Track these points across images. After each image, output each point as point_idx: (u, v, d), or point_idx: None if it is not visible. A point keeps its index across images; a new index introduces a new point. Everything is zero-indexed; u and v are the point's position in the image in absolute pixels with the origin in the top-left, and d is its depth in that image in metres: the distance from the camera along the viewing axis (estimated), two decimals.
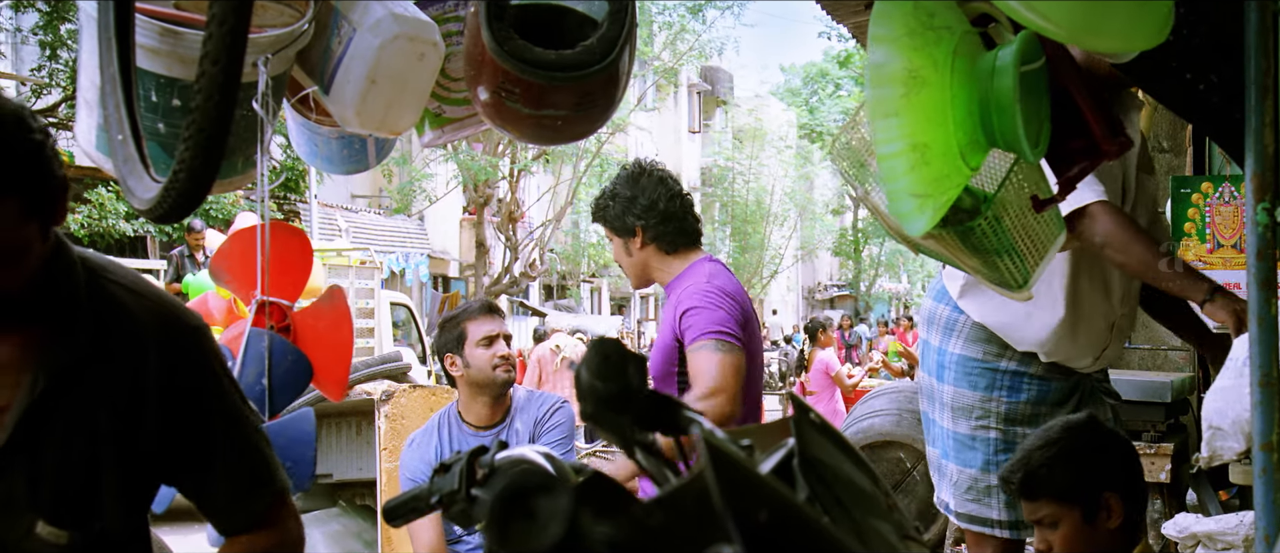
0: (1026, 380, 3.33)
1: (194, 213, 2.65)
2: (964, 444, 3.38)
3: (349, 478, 6.28)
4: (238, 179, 3.32)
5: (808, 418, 1.23)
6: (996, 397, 3.34)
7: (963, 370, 3.38)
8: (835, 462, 1.23)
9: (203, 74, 2.08)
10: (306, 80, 3.20)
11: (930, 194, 2.09)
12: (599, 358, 1.24)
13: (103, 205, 13.68)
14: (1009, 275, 2.45)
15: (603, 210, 3.58)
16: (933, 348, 3.47)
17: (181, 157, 2.21)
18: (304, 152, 3.87)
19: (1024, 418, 3.32)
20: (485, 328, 3.83)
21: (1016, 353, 3.33)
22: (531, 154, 22.80)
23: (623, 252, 3.60)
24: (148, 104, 2.90)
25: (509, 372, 3.84)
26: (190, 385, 1.86)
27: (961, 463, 3.40)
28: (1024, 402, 3.33)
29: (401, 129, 3.22)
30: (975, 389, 3.36)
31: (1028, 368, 3.33)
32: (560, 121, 3.05)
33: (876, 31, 2.09)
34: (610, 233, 3.59)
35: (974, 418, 3.36)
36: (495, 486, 1.24)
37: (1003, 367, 3.34)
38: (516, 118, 3.02)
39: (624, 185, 3.55)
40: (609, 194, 3.57)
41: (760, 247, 34.64)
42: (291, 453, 3.09)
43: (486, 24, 2.87)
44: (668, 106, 35.87)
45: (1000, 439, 3.33)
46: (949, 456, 3.42)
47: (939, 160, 2.09)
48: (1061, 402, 3.34)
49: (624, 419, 1.28)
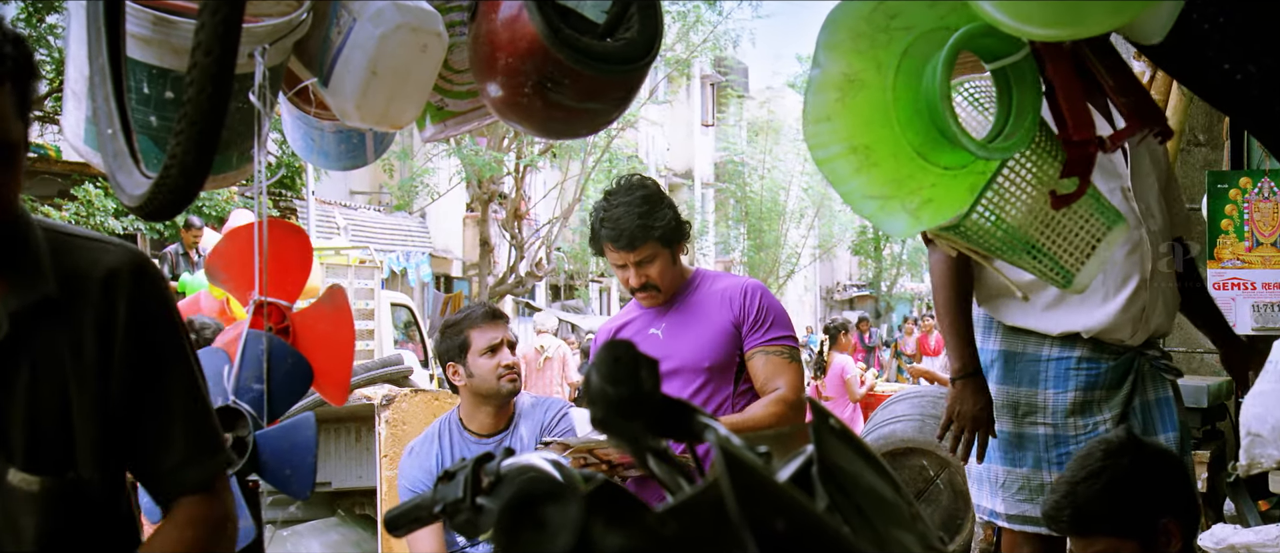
0: (1074, 367, 3.28)
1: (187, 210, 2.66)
2: (1012, 443, 3.36)
3: (348, 486, 6.29)
4: (232, 175, 3.33)
5: (827, 424, 1.23)
6: (1043, 389, 3.31)
7: (1006, 367, 3.36)
8: (856, 469, 1.22)
9: (195, 65, 2.09)
10: (304, 72, 3.21)
11: (892, 195, 2.16)
12: (610, 361, 1.23)
13: (90, 202, 13.67)
14: (1046, 274, 2.44)
15: (653, 226, 3.59)
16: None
17: (174, 151, 2.21)
18: (300, 146, 3.88)
19: (1075, 408, 3.28)
20: (489, 336, 3.83)
21: (1057, 339, 3.29)
22: (538, 149, 22.80)
23: (670, 262, 3.68)
24: (139, 96, 2.91)
25: (514, 382, 3.84)
26: (155, 336, 1.91)
27: (1010, 463, 3.37)
28: (1073, 389, 3.28)
29: (403, 123, 3.22)
30: (1020, 384, 3.33)
31: (1073, 352, 3.28)
32: (583, 115, 3.07)
33: (822, 38, 2.17)
34: (658, 246, 3.63)
35: (1020, 414, 3.33)
36: (502, 494, 1.24)
37: (1046, 356, 3.31)
38: (542, 111, 3.02)
39: (657, 196, 3.67)
40: (649, 208, 3.60)
41: (776, 245, 34.60)
42: (292, 460, 3.10)
43: (539, 12, 2.88)
44: (680, 99, 35.86)
45: (1050, 435, 3.30)
46: (993, 457, 3.38)
47: (889, 161, 2.16)
48: (1116, 383, 3.29)
49: (636, 425, 1.27)
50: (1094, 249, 2.46)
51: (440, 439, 3.92)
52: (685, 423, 1.31)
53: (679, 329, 3.67)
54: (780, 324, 3.67)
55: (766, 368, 3.60)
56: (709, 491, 1.00)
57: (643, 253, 3.60)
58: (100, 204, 13.71)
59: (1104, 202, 2.48)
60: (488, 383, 3.81)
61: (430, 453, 3.90)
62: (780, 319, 3.68)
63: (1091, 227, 2.45)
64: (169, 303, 1.96)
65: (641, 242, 3.58)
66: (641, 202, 3.60)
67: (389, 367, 6.27)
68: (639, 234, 3.57)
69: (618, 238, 3.59)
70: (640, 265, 3.63)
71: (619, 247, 3.60)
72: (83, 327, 1.84)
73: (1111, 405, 3.29)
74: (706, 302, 3.68)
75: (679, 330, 3.67)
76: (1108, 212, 2.46)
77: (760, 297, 3.68)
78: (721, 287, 3.72)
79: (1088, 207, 2.44)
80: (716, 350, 3.61)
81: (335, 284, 3.52)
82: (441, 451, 3.88)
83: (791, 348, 3.67)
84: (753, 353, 3.62)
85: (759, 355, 3.62)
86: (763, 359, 3.61)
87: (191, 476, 1.96)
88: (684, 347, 3.63)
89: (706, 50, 29.35)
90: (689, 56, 28.25)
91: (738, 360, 3.64)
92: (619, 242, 3.59)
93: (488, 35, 3.02)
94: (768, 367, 3.60)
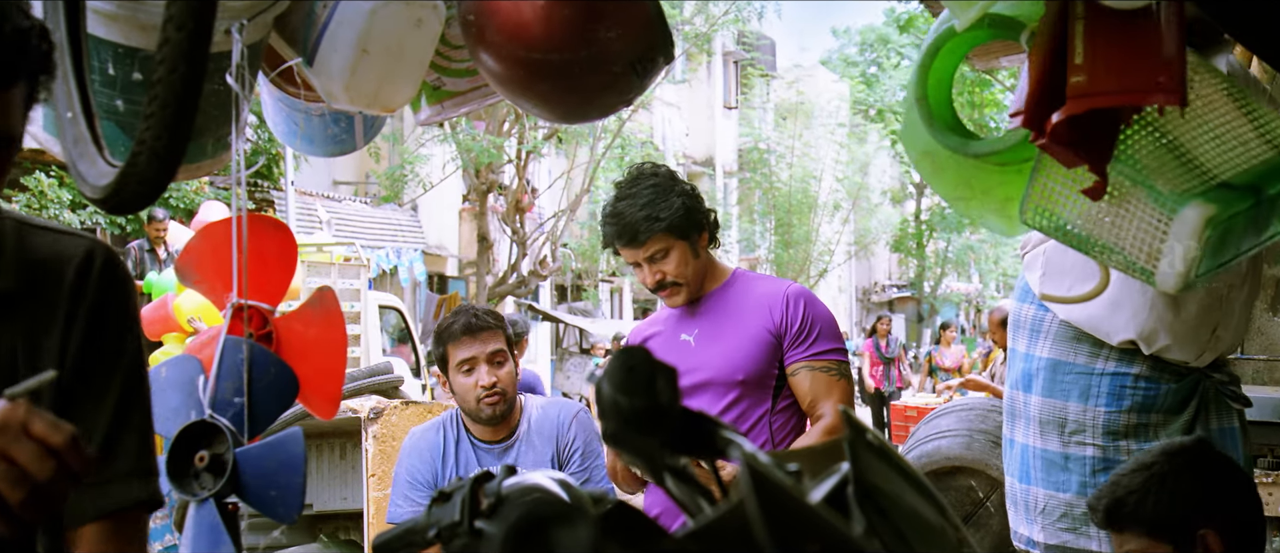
0: (1130, 385, 3.25)
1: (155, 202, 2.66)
2: (1055, 464, 3.33)
3: (332, 509, 6.31)
4: (207, 163, 3.34)
5: (864, 439, 1.23)
6: (1093, 407, 3.27)
7: (1053, 377, 3.33)
8: (896, 490, 1.23)
9: (166, 41, 2.10)
10: (287, 50, 3.22)
11: (969, 196, 2.25)
12: (623, 370, 1.23)
13: (42, 193, 13.67)
14: (1133, 271, 2.46)
15: (658, 217, 3.58)
16: (1019, 355, 3.43)
17: (142, 137, 2.23)
18: (280, 131, 3.88)
19: (1128, 430, 3.25)
20: (464, 352, 3.81)
21: (1115, 352, 3.26)
22: (542, 134, 22.79)
23: (688, 255, 3.66)
24: (103, 77, 2.91)
25: (494, 405, 3.81)
26: (115, 335, 1.95)
27: (1053, 487, 3.34)
28: (1127, 410, 3.25)
29: (396, 105, 3.23)
30: (1068, 399, 3.30)
31: (1130, 369, 3.25)
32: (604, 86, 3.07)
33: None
34: (669, 238, 3.61)
35: (1067, 433, 3.30)
36: (505, 517, 1.24)
37: (1099, 370, 3.27)
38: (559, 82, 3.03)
39: (667, 184, 3.64)
40: (654, 197, 3.60)
41: (806, 241, 34.49)
42: (278, 480, 3.09)
43: None
44: (699, 78, 35.81)
45: (1098, 457, 3.26)
46: (1035, 478, 3.36)
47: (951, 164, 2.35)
48: (1176, 409, 3.26)
49: (652, 441, 1.28)
50: (1164, 240, 2.45)
51: (444, 430, 3.92)
52: (707, 438, 1.31)
53: (712, 336, 3.66)
54: (827, 336, 3.64)
55: (813, 386, 3.58)
56: (733, 513, 1.01)
57: (652, 247, 3.59)
58: (54, 195, 13.70)
59: (1156, 188, 2.46)
60: (466, 404, 3.82)
61: (432, 444, 3.90)
62: (827, 330, 3.65)
63: (1151, 216, 2.45)
64: (133, 301, 2.00)
65: (647, 235, 3.58)
66: (645, 191, 3.60)
67: (377, 376, 6.27)
68: (643, 227, 3.57)
69: (621, 233, 3.59)
70: (653, 261, 3.62)
71: (624, 244, 3.61)
72: (38, 320, 1.88)
73: (1169, 432, 3.24)
74: (743, 307, 3.67)
75: (712, 338, 3.66)
76: (1163, 197, 2.43)
77: (805, 304, 3.65)
78: (761, 291, 3.70)
79: (1141, 196, 2.44)
80: (752, 362, 3.59)
81: (324, 285, 3.51)
82: (444, 443, 3.88)
83: (840, 363, 3.63)
84: (795, 368, 3.60)
85: (803, 371, 3.59)
86: (807, 376, 3.59)
87: (137, 490, 1.97)
88: (716, 357, 3.61)
89: (729, 24, 29.29)
90: (709, 30, 28.20)
91: (777, 373, 3.62)
92: (623, 238, 3.60)
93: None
94: (814, 385, 3.58)
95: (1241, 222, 2.43)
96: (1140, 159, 2.43)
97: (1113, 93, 2.26)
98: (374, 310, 14.09)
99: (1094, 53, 2.27)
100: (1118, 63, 2.25)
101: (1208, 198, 2.39)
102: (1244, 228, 2.47)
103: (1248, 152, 2.41)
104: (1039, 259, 3.31)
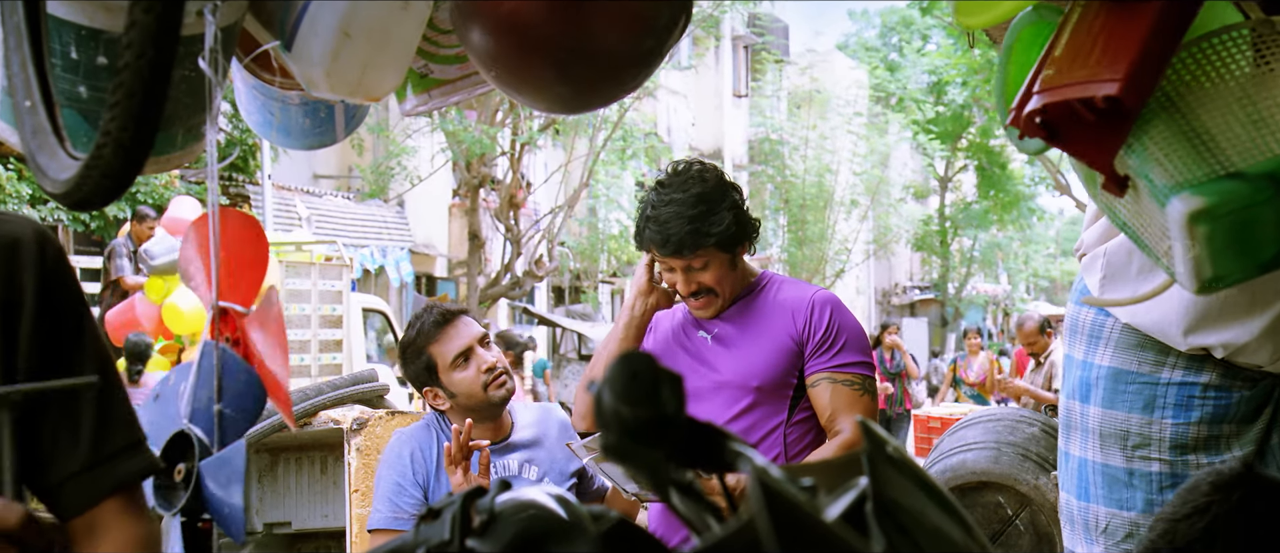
0: (1199, 394, 3.18)
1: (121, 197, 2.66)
2: (1118, 481, 3.28)
3: (311, 527, 6.31)
4: (176, 155, 3.33)
5: (883, 452, 1.23)
6: (1160, 418, 3.21)
7: (1114, 387, 3.28)
8: (918, 506, 1.22)
9: (134, 24, 2.10)
10: (263, 33, 3.22)
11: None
12: (626, 376, 1.23)
13: (1, 187, 13.70)
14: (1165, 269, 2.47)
15: (707, 232, 3.59)
16: (1076, 363, 3.39)
17: (108, 127, 2.22)
18: (257, 122, 3.88)
19: (1198, 444, 3.19)
20: (454, 344, 3.83)
21: (1182, 359, 3.20)
22: (538, 124, 22.79)
23: (729, 267, 3.68)
24: (65, 62, 2.91)
25: (504, 385, 3.85)
26: (66, 313, 1.97)
27: (1116, 504, 3.29)
28: (1197, 421, 3.19)
29: (381, 94, 3.22)
30: (1131, 410, 3.25)
31: (1199, 377, 3.18)
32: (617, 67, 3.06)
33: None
34: (714, 252, 3.63)
35: (1130, 447, 3.25)
36: (499, 536, 1.24)
37: (1165, 379, 3.21)
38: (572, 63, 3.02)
39: (717, 194, 3.65)
40: (705, 210, 3.60)
41: (822, 239, 34.48)
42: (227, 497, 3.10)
43: None
44: (706, 64, 35.82)
45: (1166, 473, 3.21)
46: (1094, 496, 3.32)
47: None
48: (1249, 418, 3.19)
49: (656, 454, 1.27)
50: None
51: (434, 430, 3.93)
52: (715, 450, 1.31)
53: (731, 337, 3.69)
54: (853, 347, 3.65)
55: (833, 400, 3.59)
56: (743, 531, 1.00)
57: (695, 258, 3.61)
58: (13, 189, 13.72)
59: (1151, 179, 2.42)
60: (475, 397, 3.82)
61: (422, 443, 3.91)
62: (854, 340, 3.66)
63: (1155, 211, 2.44)
64: (76, 279, 2.03)
65: (693, 250, 3.59)
66: (696, 202, 3.60)
67: (361, 384, 6.26)
68: (688, 242, 3.58)
69: (665, 242, 3.60)
70: (690, 271, 3.64)
71: (666, 253, 3.62)
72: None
73: (1243, 442, 3.18)
74: (767, 310, 3.69)
75: (731, 339, 3.68)
76: (1157, 190, 2.40)
77: (831, 312, 3.66)
78: (787, 296, 3.72)
79: (1144, 188, 2.44)
80: (770, 369, 3.61)
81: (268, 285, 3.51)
82: (436, 444, 3.88)
83: (865, 377, 3.64)
84: (816, 379, 3.61)
85: (824, 383, 3.60)
86: (828, 388, 3.60)
87: (139, 462, 2.01)
88: (733, 359, 3.64)
89: (738, 5, 29.31)
90: (717, 12, 28.21)
91: (795, 382, 3.63)
92: (666, 247, 3.61)
93: None
94: (834, 398, 3.59)
95: (1270, 214, 2.39)
96: (1149, 147, 2.41)
97: (1071, 85, 2.29)
98: (357, 314, 14.10)
99: (1073, 44, 2.30)
100: (1090, 54, 2.26)
101: (1201, 190, 2.35)
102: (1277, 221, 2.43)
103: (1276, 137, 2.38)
104: (1099, 260, 3.27)
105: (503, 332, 18.70)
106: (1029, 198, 42.72)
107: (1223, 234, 2.34)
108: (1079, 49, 2.29)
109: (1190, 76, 2.35)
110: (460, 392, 3.82)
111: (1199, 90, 2.36)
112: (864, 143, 35.61)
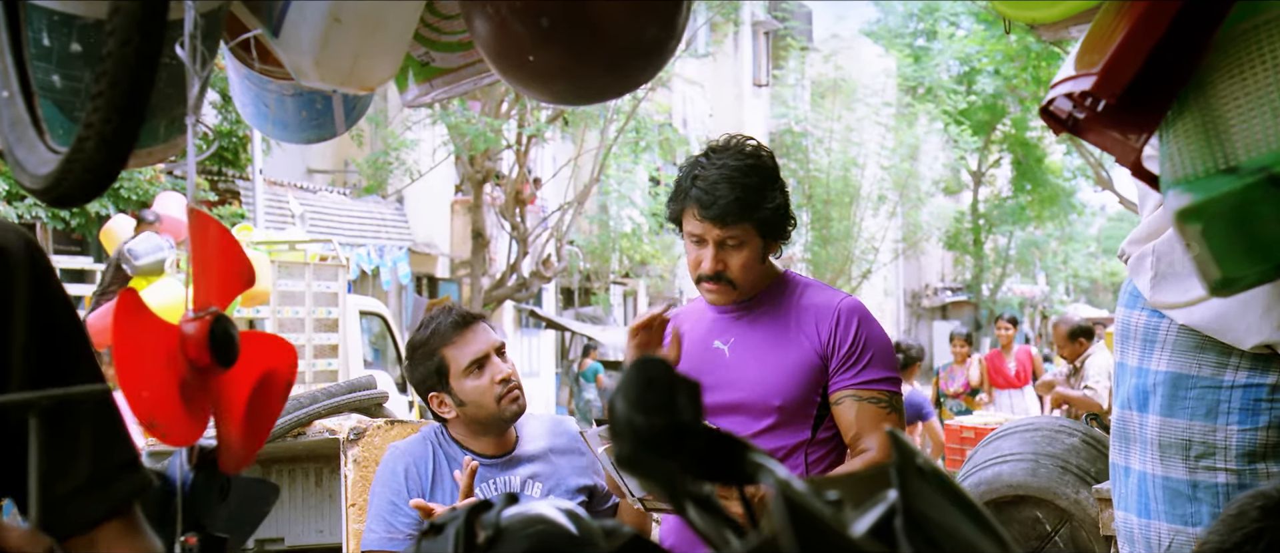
0: (1266, 398, 3.12)
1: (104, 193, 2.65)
2: (1182, 494, 3.23)
3: (306, 543, 6.32)
4: (160, 148, 3.32)
5: (913, 464, 1.23)
6: (1224, 425, 3.15)
7: (1174, 393, 3.22)
8: (950, 521, 1.22)
9: (117, 10, 2.10)
10: (250, 18, 3.21)
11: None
12: (640, 384, 1.23)
13: None
14: None
15: (756, 205, 3.56)
16: (1129, 370, 3.34)
17: (89, 119, 2.22)
18: (251, 114, 3.87)
19: (1266, 451, 3.12)
20: (470, 349, 3.82)
21: (1246, 360, 3.13)
22: (546, 116, 22.79)
23: (758, 257, 3.63)
24: (37, 49, 2.91)
25: (517, 399, 3.85)
26: (58, 325, 1.98)
27: (1180, 521, 3.23)
28: (1265, 427, 3.12)
29: (375, 83, 3.21)
30: (1193, 418, 3.18)
31: (1265, 378, 3.11)
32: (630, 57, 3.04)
33: None
34: (752, 232, 3.59)
35: (1193, 457, 3.19)
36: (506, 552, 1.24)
37: (1228, 382, 3.14)
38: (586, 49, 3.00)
39: (771, 176, 3.64)
40: (758, 182, 3.58)
41: (847, 237, 34.46)
42: None
43: None
44: (725, 52, 35.83)
45: (1233, 484, 3.13)
46: (1156, 513, 3.27)
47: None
48: None
49: (672, 464, 1.27)
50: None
51: (431, 444, 3.93)
52: (734, 462, 1.31)
53: (749, 349, 3.63)
54: (881, 362, 3.60)
55: (858, 418, 3.54)
56: (765, 547, 1.00)
57: (733, 232, 3.54)
58: None
59: (1161, 176, 2.43)
60: (485, 408, 3.82)
61: (419, 458, 3.90)
62: (881, 355, 3.62)
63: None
64: (65, 290, 2.04)
65: (736, 220, 3.52)
66: (750, 171, 3.56)
67: (358, 392, 6.26)
68: (734, 210, 3.51)
69: (710, 204, 3.51)
70: (722, 247, 3.56)
71: (707, 216, 3.53)
72: None
73: None
74: (789, 318, 3.64)
75: (749, 351, 3.63)
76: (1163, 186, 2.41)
77: (857, 323, 3.61)
78: (812, 302, 3.67)
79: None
80: (793, 386, 3.57)
81: None
82: (434, 458, 3.89)
83: (892, 395, 3.60)
84: (840, 396, 3.56)
85: (849, 400, 3.56)
86: (853, 406, 3.55)
87: (138, 479, 2.01)
88: (752, 375, 3.59)
89: None
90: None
91: (819, 399, 3.59)
92: (710, 210, 3.51)
93: None
94: (859, 417, 3.54)
95: (1270, 212, 2.36)
96: (1169, 140, 2.40)
97: (1066, 79, 2.35)
98: (354, 317, 14.12)
99: (1087, 40, 2.34)
100: (1090, 49, 2.28)
101: (1191, 186, 2.35)
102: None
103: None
104: (1147, 259, 3.21)
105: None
106: (1068, 193, 42.71)
107: (1221, 233, 2.32)
108: (1087, 44, 2.31)
109: (1224, 66, 2.34)
110: (470, 401, 3.82)
111: (1228, 80, 2.36)
112: (892, 135, 35.55)
